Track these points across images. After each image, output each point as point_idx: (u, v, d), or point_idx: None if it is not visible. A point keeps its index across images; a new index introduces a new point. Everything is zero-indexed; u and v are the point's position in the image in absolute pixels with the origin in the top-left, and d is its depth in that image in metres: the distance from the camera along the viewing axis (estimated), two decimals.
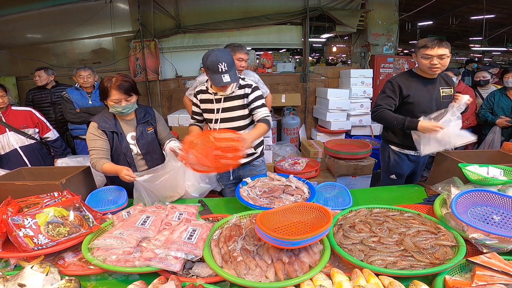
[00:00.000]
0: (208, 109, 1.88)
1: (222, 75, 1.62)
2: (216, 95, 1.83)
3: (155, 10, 4.64)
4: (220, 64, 1.60)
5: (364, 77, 4.57)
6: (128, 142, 1.80)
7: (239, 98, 1.83)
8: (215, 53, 1.62)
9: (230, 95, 1.81)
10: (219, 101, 1.83)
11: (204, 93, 1.88)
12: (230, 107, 1.84)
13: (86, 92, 3.07)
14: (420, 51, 1.85)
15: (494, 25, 8.88)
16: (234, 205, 1.59)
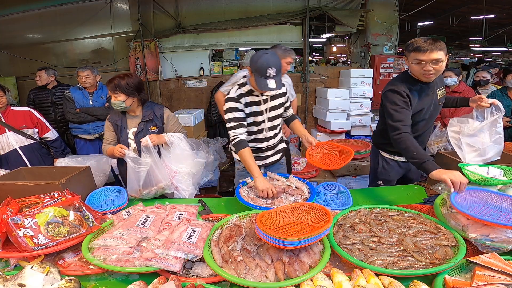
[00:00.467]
0: (255, 112, 1.78)
1: (268, 80, 1.57)
2: (263, 96, 1.78)
3: (155, 10, 4.64)
4: (269, 69, 1.55)
5: (364, 77, 4.57)
6: (127, 137, 1.89)
7: (281, 96, 1.88)
8: (266, 57, 1.56)
9: (275, 94, 1.83)
10: (266, 101, 1.82)
11: (248, 95, 1.75)
12: (274, 106, 1.86)
13: (88, 92, 3.07)
14: (411, 55, 1.60)
15: (494, 25, 8.88)
16: (234, 205, 1.59)
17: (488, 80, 3.62)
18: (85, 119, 3.03)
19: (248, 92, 1.76)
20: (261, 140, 1.89)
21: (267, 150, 1.93)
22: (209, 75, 4.97)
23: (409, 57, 1.65)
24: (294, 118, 2.00)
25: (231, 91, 1.77)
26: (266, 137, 1.89)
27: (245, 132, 1.73)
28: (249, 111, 1.77)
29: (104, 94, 3.14)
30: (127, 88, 1.82)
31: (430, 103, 1.75)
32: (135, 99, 1.88)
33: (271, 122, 1.88)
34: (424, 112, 1.74)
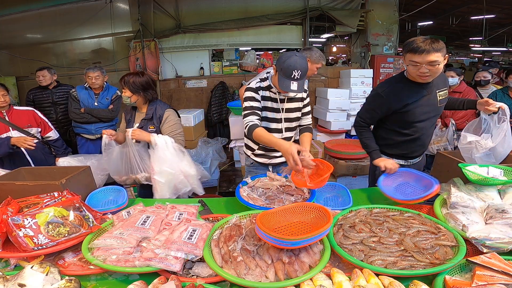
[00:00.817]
0: (269, 107, 1.82)
1: (292, 82, 1.57)
2: (280, 95, 1.80)
3: (155, 10, 4.65)
4: (295, 71, 1.55)
5: (364, 77, 4.57)
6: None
7: (298, 101, 1.87)
8: (295, 59, 1.56)
9: (293, 96, 1.82)
10: (283, 101, 1.82)
11: (266, 90, 1.80)
12: (291, 108, 1.85)
13: (94, 93, 3.08)
14: (407, 56, 1.57)
15: (494, 25, 8.88)
16: (234, 205, 1.59)
17: (488, 80, 3.62)
18: (88, 120, 3.04)
19: (266, 87, 1.80)
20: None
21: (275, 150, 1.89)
22: (209, 75, 4.98)
23: (405, 58, 1.61)
24: (306, 130, 1.93)
25: (251, 83, 1.85)
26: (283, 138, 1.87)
27: (257, 119, 1.73)
28: (264, 105, 1.82)
29: (109, 95, 3.15)
30: (132, 86, 1.95)
31: (427, 104, 1.71)
32: (139, 96, 1.99)
33: (288, 123, 1.88)
34: (420, 113, 1.72)
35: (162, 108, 2.04)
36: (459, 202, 1.28)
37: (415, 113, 1.71)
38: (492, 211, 1.21)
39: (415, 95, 1.68)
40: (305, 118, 1.96)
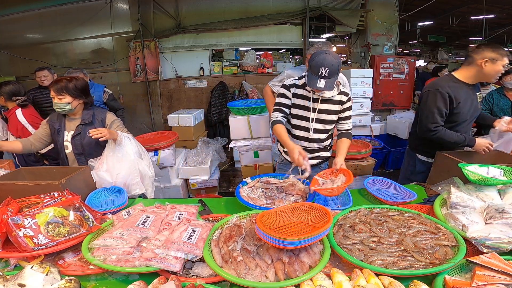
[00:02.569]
0: (300, 105, 1.82)
1: (319, 79, 1.56)
2: (314, 94, 1.76)
3: (155, 10, 4.64)
4: (322, 68, 1.54)
5: (364, 77, 4.57)
6: (64, 140, 1.90)
7: (335, 103, 1.82)
8: (324, 56, 1.56)
9: (329, 98, 1.78)
10: (316, 101, 1.78)
11: (300, 88, 1.80)
12: (325, 110, 1.81)
13: None
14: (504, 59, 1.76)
15: (494, 25, 8.88)
16: (234, 205, 1.59)
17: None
18: None
19: (302, 85, 1.80)
20: (303, 139, 1.89)
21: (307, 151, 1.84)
22: (209, 75, 4.98)
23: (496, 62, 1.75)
24: (344, 135, 1.90)
25: (288, 80, 1.87)
26: (310, 138, 1.87)
27: (281, 115, 1.81)
28: (295, 102, 1.83)
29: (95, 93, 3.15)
30: (74, 90, 1.82)
31: (471, 105, 1.88)
32: (81, 101, 1.89)
33: (319, 125, 1.84)
34: (465, 114, 1.88)
35: (102, 111, 1.98)
36: (459, 202, 1.28)
37: (464, 112, 1.87)
38: (492, 211, 1.21)
39: (465, 94, 1.86)
40: (343, 122, 1.91)
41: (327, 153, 2.00)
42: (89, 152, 1.90)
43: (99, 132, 1.69)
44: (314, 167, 1.96)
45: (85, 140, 1.89)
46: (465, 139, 1.82)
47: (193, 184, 3.37)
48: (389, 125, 4.81)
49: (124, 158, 1.80)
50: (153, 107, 4.98)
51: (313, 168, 1.95)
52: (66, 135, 1.91)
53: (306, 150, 1.86)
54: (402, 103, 5.17)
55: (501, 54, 1.75)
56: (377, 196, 1.60)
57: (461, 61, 10.82)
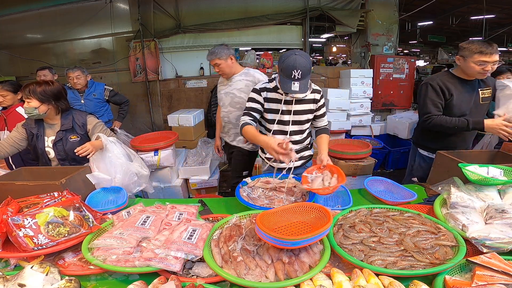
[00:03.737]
0: (274, 109, 1.78)
1: (292, 82, 1.54)
2: (287, 96, 1.72)
3: (155, 10, 4.64)
4: (294, 71, 1.52)
5: (364, 77, 4.58)
6: (45, 145, 1.90)
7: (309, 103, 1.80)
8: (294, 58, 1.53)
9: (303, 98, 1.75)
10: (290, 102, 1.75)
11: (271, 92, 1.77)
12: (300, 110, 1.79)
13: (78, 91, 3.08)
14: (474, 56, 1.77)
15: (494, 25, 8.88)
16: (234, 205, 1.59)
17: None
18: None
19: (273, 88, 1.77)
20: None
21: None
22: (209, 75, 4.97)
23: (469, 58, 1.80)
24: (322, 131, 1.90)
25: (258, 84, 1.86)
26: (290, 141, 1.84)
27: (250, 119, 1.76)
28: (268, 106, 1.79)
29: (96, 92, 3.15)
30: (41, 95, 1.78)
31: (470, 100, 1.90)
32: (50, 106, 1.84)
33: (296, 126, 1.82)
34: (463, 108, 1.90)
35: (82, 115, 1.96)
36: (459, 202, 1.28)
37: (461, 107, 1.90)
38: (492, 211, 1.21)
39: (461, 88, 1.90)
40: (320, 120, 1.90)
41: (310, 152, 2.00)
42: (73, 157, 1.90)
43: (84, 150, 1.73)
44: (299, 168, 1.95)
45: (67, 146, 1.89)
46: (468, 122, 1.80)
47: (193, 184, 3.37)
48: (389, 125, 4.82)
49: (114, 162, 1.81)
50: (153, 107, 4.98)
51: (298, 169, 1.94)
52: (46, 141, 1.90)
53: None
54: (402, 103, 5.18)
55: (471, 51, 1.78)
56: (377, 196, 1.60)
57: None
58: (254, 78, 2.23)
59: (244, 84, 2.25)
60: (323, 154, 1.71)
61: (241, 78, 2.27)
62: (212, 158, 3.48)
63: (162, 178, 3.20)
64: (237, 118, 2.29)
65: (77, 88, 3.06)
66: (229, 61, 2.25)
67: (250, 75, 2.27)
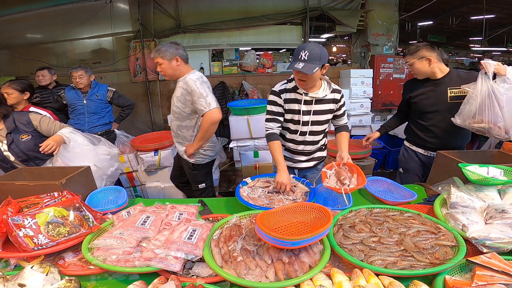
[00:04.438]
0: (293, 110, 1.76)
1: (297, 62, 1.54)
2: (307, 96, 1.71)
3: (155, 10, 4.64)
4: (302, 52, 1.54)
5: (364, 77, 4.57)
6: (1, 150, 1.90)
7: (329, 102, 1.79)
8: (306, 44, 1.59)
9: (323, 97, 1.74)
10: (310, 102, 1.74)
11: (290, 92, 1.75)
12: (320, 111, 1.77)
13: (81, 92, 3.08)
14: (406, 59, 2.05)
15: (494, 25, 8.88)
16: (234, 205, 1.59)
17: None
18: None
19: (293, 88, 1.75)
20: (299, 143, 1.86)
21: (300, 154, 1.90)
22: (209, 75, 4.97)
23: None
24: (342, 129, 1.90)
25: (276, 85, 1.80)
26: (305, 141, 1.84)
27: (277, 127, 1.79)
28: (288, 107, 1.77)
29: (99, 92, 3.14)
30: None
31: (435, 99, 2.02)
32: None
33: (314, 127, 1.81)
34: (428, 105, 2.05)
35: (23, 114, 1.98)
36: (459, 202, 1.28)
37: (423, 103, 2.06)
38: (492, 211, 1.21)
39: (424, 88, 2.06)
40: (340, 119, 1.90)
41: (323, 153, 2.00)
42: (35, 156, 1.92)
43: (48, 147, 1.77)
44: (311, 169, 1.96)
45: (22, 146, 1.90)
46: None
47: None
48: None
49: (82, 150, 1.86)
50: (153, 107, 4.98)
51: (309, 170, 1.96)
52: (1, 146, 1.91)
53: (302, 153, 1.89)
54: None
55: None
56: (377, 196, 1.60)
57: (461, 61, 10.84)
58: (188, 87, 1.97)
59: (180, 92, 2.03)
60: (344, 152, 1.70)
61: (180, 85, 2.04)
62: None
63: (162, 178, 3.20)
64: (177, 128, 2.14)
65: (80, 88, 3.06)
66: (174, 63, 1.99)
67: (185, 81, 2.00)
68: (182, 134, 2.14)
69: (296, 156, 1.91)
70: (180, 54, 2.01)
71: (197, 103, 1.94)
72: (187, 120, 2.08)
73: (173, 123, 2.16)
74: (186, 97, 1.99)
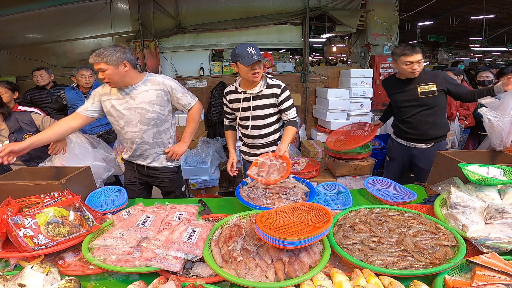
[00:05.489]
0: (237, 108, 2.01)
1: (252, 56, 1.75)
2: (245, 94, 1.94)
3: (155, 10, 4.64)
4: (249, 48, 1.77)
5: (364, 77, 4.57)
6: None
7: (268, 97, 1.94)
8: (242, 44, 1.80)
9: (258, 93, 1.93)
10: (248, 99, 1.95)
11: (233, 93, 2.02)
12: (260, 105, 1.95)
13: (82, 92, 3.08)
14: (400, 58, 2.15)
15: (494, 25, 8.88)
16: (234, 205, 1.59)
17: (491, 80, 3.62)
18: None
19: (234, 89, 2.01)
20: (248, 137, 2.08)
21: (253, 147, 2.11)
22: (209, 75, 4.97)
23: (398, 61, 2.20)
24: (289, 124, 1.95)
25: (227, 88, 2.09)
26: (252, 135, 2.04)
27: (229, 121, 2.18)
28: (232, 106, 2.04)
29: None
30: None
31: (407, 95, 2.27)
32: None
33: (257, 121, 1.97)
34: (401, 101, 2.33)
35: (25, 114, 2.01)
36: (459, 202, 1.28)
37: (398, 100, 2.36)
38: (492, 211, 1.21)
39: (397, 86, 2.34)
40: (286, 113, 1.98)
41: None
42: (37, 155, 1.94)
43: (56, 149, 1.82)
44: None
45: None
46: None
47: (193, 184, 3.37)
48: (389, 125, 4.81)
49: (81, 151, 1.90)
50: None
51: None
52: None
53: (253, 146, 2.10)
54: None
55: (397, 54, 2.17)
56: (377, 196, 1.60)
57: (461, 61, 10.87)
58: (166, 86, 1.84)
59: (155, 94, 1.81)
60: (283, 144, 1.78)
61: (148, 89, 1.81)
62: (212, 158, 3.48)
63: None
64: (154, 136, 1.90)
65: (86, 87, 3.07)
66: (121, 68, 1.69)
67: (158, 82, 1.84)
68: (161, 140, 1.95)
69: (253, 150, 2.13)
70: (129, 58, 1.73)
71: (182, 98, 1.89)
72: (166, 123, 1.93)
73: (148, 133, 1.88)
74: (164, 98, 1.84)
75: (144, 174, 2.01)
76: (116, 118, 1.84)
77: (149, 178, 2.04)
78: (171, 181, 2.07)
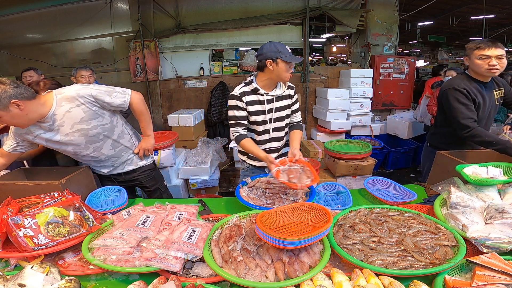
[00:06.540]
0: (257, 111, 1.80)
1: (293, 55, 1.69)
2: (268, 95, 1.79)
3: (155, 10, 4.64)
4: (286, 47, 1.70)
5: (364, 77, 4.58)
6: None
7: (286, 98, 1.87)
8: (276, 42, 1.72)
9: (281, 94, 1.84)
10: (271, 101, 1.82)
11: (251, 94, 1.78)
12: (281, 107, 1.85)
13: None
14: (475, 52, 1.76)
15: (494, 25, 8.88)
16: (234, 205, 1.59)
17: None
18: None
19: (252, 90, 1.79)
20: (266, 142, 1.91)
21: (269, 152, 1.91)
22: (209, 75, 4.97)
23: (471, 55, 1.79)
24: (296, 127, 1.94)
25: (235, 89, 1.81)
26: (272, 138, 1.90)
27: (242, 129, 1.81)
28: (252, 109, 1.80)
29: None
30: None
31: (490, 102, 1.87)
32: None
33: (277, 123, 1.87)
34: (484, 111, 1.87)
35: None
36: (459, 202, 1.28)
37: (481, 111, 1.86)
38: (492, 211, 1.21)
39: (481, 90, 1.84)
40: (294, 115, 1.94)
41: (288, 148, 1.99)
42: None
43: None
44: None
45: None
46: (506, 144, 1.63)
47: (193, 184, 3.37)
48: (389, 125, 4.82)
49: None
50: (153, 107, 4.98)
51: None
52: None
53: (271, 151, 1.93)
54: (402, 103, 5.18)
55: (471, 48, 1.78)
56: (377, 196, 1.60)
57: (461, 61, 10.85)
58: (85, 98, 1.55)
59: (81, 111, 1.55)
60: (296, 149, 1.72)
61: (68, 108, 1.53)
62: (212, 158, 3.48)
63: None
64: (113, 147, 1.76)
65: None
66: (14, 110, 1.37)
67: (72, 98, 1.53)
68: (122, 146, 1.81)
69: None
70: (15, 94, 1.36)
71: (113, 100, 1.62)
72: (116, 129, 1.74)
73: (106, 147, 1.73)
74: (93, 109, 1.58)
75: (122, 181, 1.91)
76: (60, 148, 1.64)
77: (129, 183, 1.96)
78: (151, 178, 2.01)
